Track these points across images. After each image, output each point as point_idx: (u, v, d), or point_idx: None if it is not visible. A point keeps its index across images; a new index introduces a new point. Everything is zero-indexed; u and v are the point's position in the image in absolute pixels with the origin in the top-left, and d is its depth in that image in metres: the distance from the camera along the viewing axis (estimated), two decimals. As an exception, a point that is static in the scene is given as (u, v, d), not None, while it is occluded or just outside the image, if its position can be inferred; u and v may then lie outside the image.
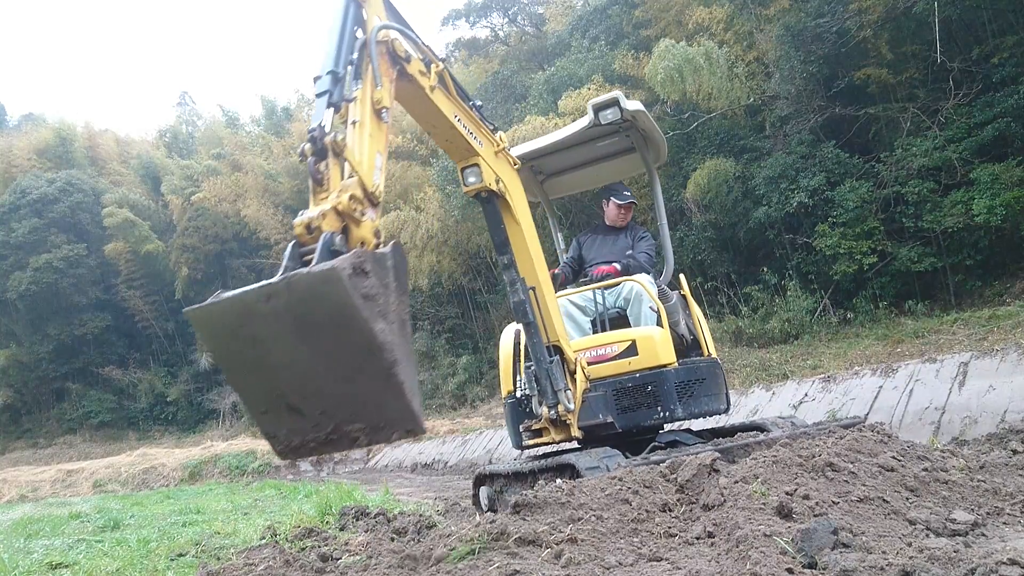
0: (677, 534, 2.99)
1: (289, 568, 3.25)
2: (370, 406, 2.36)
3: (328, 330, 2.27)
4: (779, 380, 10.52)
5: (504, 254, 4.17)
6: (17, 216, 31.68)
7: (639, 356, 4.39)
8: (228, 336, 2.42)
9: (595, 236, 5.49)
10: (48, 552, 5.21)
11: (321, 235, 2.46)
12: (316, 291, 2.23)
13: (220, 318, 2.39)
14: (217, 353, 2.57)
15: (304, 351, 2.31)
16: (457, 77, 3.83)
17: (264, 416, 2.50)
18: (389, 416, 2.36)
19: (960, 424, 6.51)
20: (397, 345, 2.30)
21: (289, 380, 2.39)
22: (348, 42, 2.96)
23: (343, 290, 2.18)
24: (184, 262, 30.00)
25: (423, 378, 22.06)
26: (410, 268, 22.00)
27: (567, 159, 5.60)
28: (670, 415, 4.31)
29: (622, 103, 4.66)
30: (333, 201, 2.54)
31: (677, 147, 16.65)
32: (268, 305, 2.28)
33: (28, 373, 32.64)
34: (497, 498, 4.54)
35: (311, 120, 2.76)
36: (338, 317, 2.24)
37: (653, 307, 4.60)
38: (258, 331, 2.33)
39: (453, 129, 3.75)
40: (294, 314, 2.27)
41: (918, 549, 2.44)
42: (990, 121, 12.27)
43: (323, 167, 2.63)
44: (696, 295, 16.13)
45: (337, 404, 2.39)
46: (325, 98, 2.82)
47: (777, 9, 15.27)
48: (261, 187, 28.40)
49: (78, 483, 20.30)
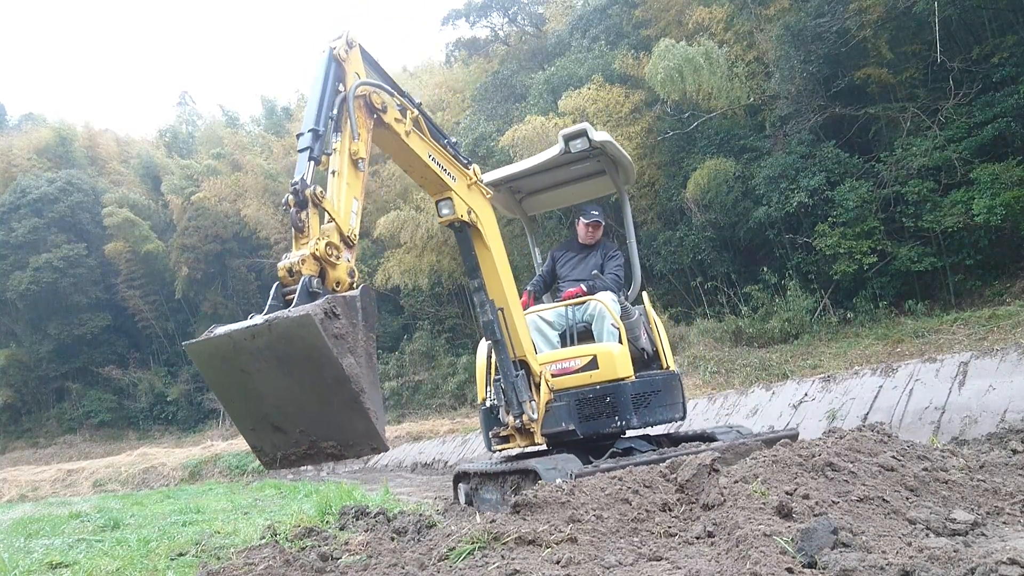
0: (677, 534, 2.99)
1: (289, 568, 3.25)
2: (341, 427, 2.78)
3: (304, 364, 2.66)
4: (779, 380, 10.52)
5: (475, 278, 4.56)
6: (17, 216, 31.66)
7: (599, 370, 4.80)
8: (220, 366, 2.81)
9: (568, 253, 5.86)
10: (48, 552, 5.21)
11: (301, 278, 2.84)
12: (293, 332, 2.62)
13: (213, 351, 2.77)
14: (211, 380, 2.94)
15: (285, 381, 2.71)
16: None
17: (252, 432, 2.92)
18: (357, 436, 2.78)
19: (960, 424, 6.51)
20: (363, 376, 2.71)
21: (272, 404, 2.79)
22: (329, 99, 3.32)
23: (316, 332, 2.57)
24: (184, 262, 29.98)
25: (423, 378, 22.08)
26: (410, 268, 22.09)
27: (544, 180, 6.03)
28: (626, 424, 4.72)
29: (590, 134, 5.11)
30: (311, 248, 2.92)
31: (677, 147, 16.66)
32: (253, 342, 2.67)
33: (28, 373, 32.64)
34: (473, 494, 5.01)
35: (295, 174, 3.07)
36: (312, 354, 2.62)
37: (615, 325, 4.99)
38: (245, 363, 2.72)
39: (427, 167, 4.10)
40: (275, 350, 2.66)
41: (918, 549, 2.44)
42: (990, 121, 12.27)
43: (304, 216, 2.99)
44: (696, 295, 16.23)
45: (313, 424, 2.80)
46: (307, 153, 3.15)
47: (777, 9, 15.26)
48: (261, 187, 28.37)
49: (78, 483, 20.31)
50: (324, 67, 3.41)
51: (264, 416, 2.85)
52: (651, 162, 17.29)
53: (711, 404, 10.31)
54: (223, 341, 2.74)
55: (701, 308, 16.00)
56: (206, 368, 2.90)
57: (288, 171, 27.74)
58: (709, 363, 13.32)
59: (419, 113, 3.98)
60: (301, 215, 2.98)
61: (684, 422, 5.73)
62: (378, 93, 3.60)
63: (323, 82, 3.36)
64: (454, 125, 22.00)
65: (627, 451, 4.85)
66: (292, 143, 29.97)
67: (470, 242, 4.50)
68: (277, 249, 27.09)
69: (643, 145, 17.12)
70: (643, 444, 5.06)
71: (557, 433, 4.67)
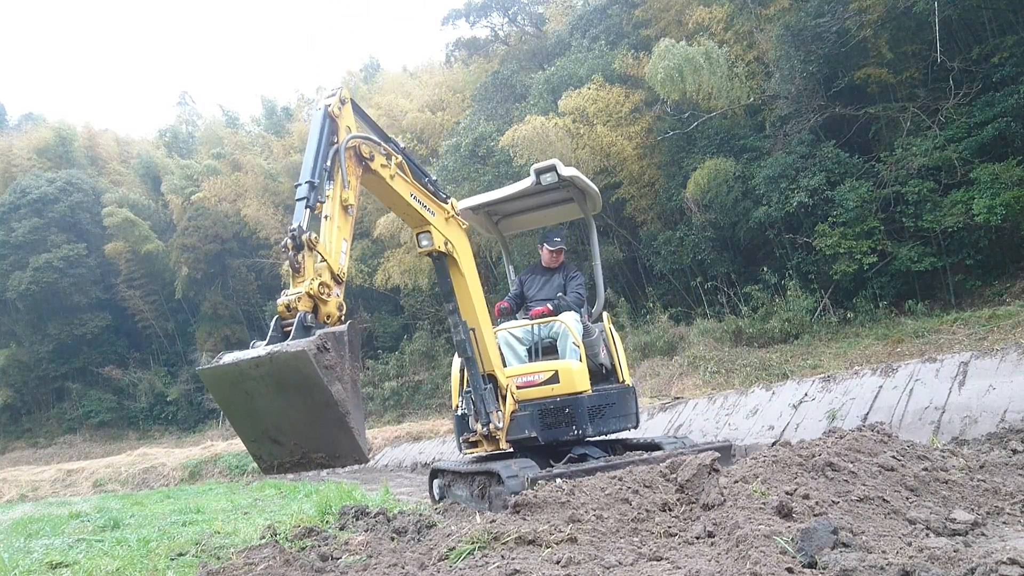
0: (677, 534, 2.99)
1: (289, 568, 3.25)
2: (329, 442, 3.26)
3: (299, 390, 3.15)
4: (779, 380, 10.51)
5: (450, 302, 5.08)
6: (17, 216, 31.65)
7: (560, 384, 5.34)
8: (228, 389, 3.31)
9: (534, 275, 6.42)
10: (48, 551, 5.21)
11: (298, 314, 3.30)
12: (290, 364, 3.09)
13: (222, 376, 3.26)
14: (219, 399, 3.45)
15: (282, 403, 3.21)
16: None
17: (252, 443, 3.44)
18: (342, 449, 3.27)
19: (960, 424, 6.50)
20: (349, 400, 3.19)
21: (271, 421, 3.29)
22: (323, 152, 3.81)
23: (310, 365, 3.04)
24: (184, 262, 29.98)
25: (423, 378, 22.09)
26: (410, 268, 22.02)
27: (520, 204, 6.64)
28: (582, 432, 5.28)
29: (559, 169, 5.71)
30: (307, 287, 3.38)
31: (677, 147, 16.65)
32: (256, 370, 3.16)
33: (28, 373, 32.63)
34: (446, 490, 5.82)
35: (293, 220, 3.55)
36: (306, 382, 3.10)
37: (576, 344, 5.55)
38: (249, 387, 3.22)
39: (409, 206, 4.65)
40: (275, 378, 3.15)
41: (918, 549, 2.44)
42: (990, 121, 12.27)
43: (300, 258, 3.44)
44: (696, 295, 16.24)
45: (305, 439, 3.30)
46: (303, 202, 3.61)
47: (777, 9, 15.26)
48: (261, 187, 28.38)
49: (78, 483, 20.30)
50: (320, 123, 3.90)
51: (264, 430, 3.34)
52: (651, 162, 17.29)
53: (711, 404, 10.30)
54: (231, 368, 3.22)
55: (701, 308, 16.00)
56: (215, 390, 3.38)
57: (288, 171, 27.74)
58: (709, 363, 13.32)
59: (403, 158, 4.52)
60: (298, 257, 3.44)
61: (637, 430, 6.28)
62: (367, 144, 4.15)
63: (319, 137, 3.84)
64: (454, 125, 22.01)
65: (582, 457, 5.34)
66: (292, 143, 30.03)
67: (446, 270, 5.01)
68: (277, 249, 27.07)
69: (643, 145, 17.12)
70: (596, 451, 5.55)
71: (521, 439, 5.21)
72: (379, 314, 25.58)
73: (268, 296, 28.85)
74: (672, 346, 15.12)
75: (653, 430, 10.48)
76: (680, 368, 13.86)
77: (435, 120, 24.74)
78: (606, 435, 5.66)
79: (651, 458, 4.70)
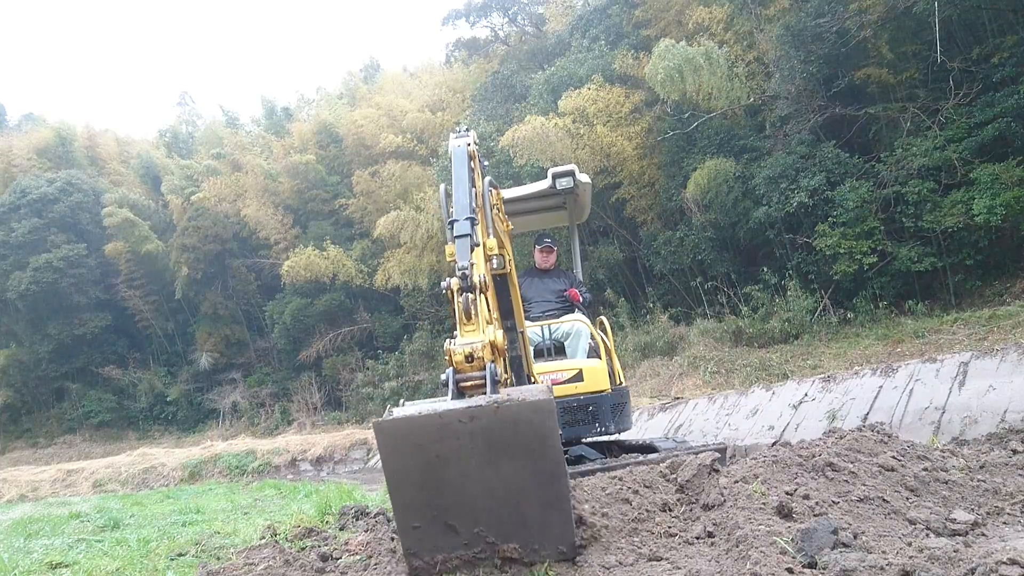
0: (677, 534, 2.99)
1: (289, 568, 3.25)
2: (533, 527, 2.58)
3: (521, 454, 2.49)
4: (779, 380, 10.52)
5: (508, 319, 4.62)
6: (17, 216, 31.62)
7: (584, 382, 5.36)
8: (412, 450, 2.55)
9: (530, 278, 6.40)
10: (48, 552, 5.21)
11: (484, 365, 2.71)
12: (524, 417, 2.45)
13: (408, 432, 2.53)
14: (392, 466, 2.63)
15: (487, 471, 2.51)
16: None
17: (414, 531, 2.63)
18: (548, 537, 2.58)
19: (960, 424, 6.51)
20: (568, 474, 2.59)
21: (456, 498, 2.57)
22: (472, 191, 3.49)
23: (551, 419, 2.44)
24: (184, 262, 29.94)
25: (423, 378, 22.07)
26: (410, 268, 22.04)
27: (509, 208, 6.72)
28: (605, 430, 5.33)
29: (576, 175, 5.67)
30: (491, 336, 2.83)
31: (677, 147, 16.65)
32: (468, 425, 2.47)
33: (28, 373, 32.60)
34: None
35: (458, 258, 3.05)
36: (537, 443, 2.47)
37: (590, 343, 5.61)
38: (447, 448, 2.50)
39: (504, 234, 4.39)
40: (491, 436, 2.47)
41: (918, 549, 2.44)
42: (990, 121, 12.27)
43: (471, 301, 2.92)
44: (696, 295, 16.24)
45: (499, 524, 2.58)
46: (467, 240, 3.13)
47: (777, 9, 15.26)
48: (261, 187, 28.36)
49: (78, 483, 20.28)
50: (465, 161, 3.66)
51: (440, 512, 2.60)
52: (651, 162, 17.29)
53: (711, 404, 10.31)
54: (431, 420, 2.50)
55: (701, 308, 16.00)
56: (391, 450, 2.61)
57: (288, 171, 27.72)
58: (709, 363, 13.32)
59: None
60: (471, 300, 2.92)
61: (631, 431, 6.42)
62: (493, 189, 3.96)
63: (468, 175, 3.58)
64: (454, 125, 21.98)
65: (578, 458, 5.33)
66: (292, 143, 29.98)
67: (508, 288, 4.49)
68: (277, 249, 27.08)
69: (643, 145, 17.12)
70: (593, 452, 5.57)
71: None
72: (379, 314, 25.58)
73: (268, 296, 28.84)
74: (672, 346, 15.13)
75: (653, 430, 10.49)
76: (680, 368, 13.87)
77: (435, 120, 24.74)
78: (620, 433, 5.78)
79: (647, 460, 4.71)
